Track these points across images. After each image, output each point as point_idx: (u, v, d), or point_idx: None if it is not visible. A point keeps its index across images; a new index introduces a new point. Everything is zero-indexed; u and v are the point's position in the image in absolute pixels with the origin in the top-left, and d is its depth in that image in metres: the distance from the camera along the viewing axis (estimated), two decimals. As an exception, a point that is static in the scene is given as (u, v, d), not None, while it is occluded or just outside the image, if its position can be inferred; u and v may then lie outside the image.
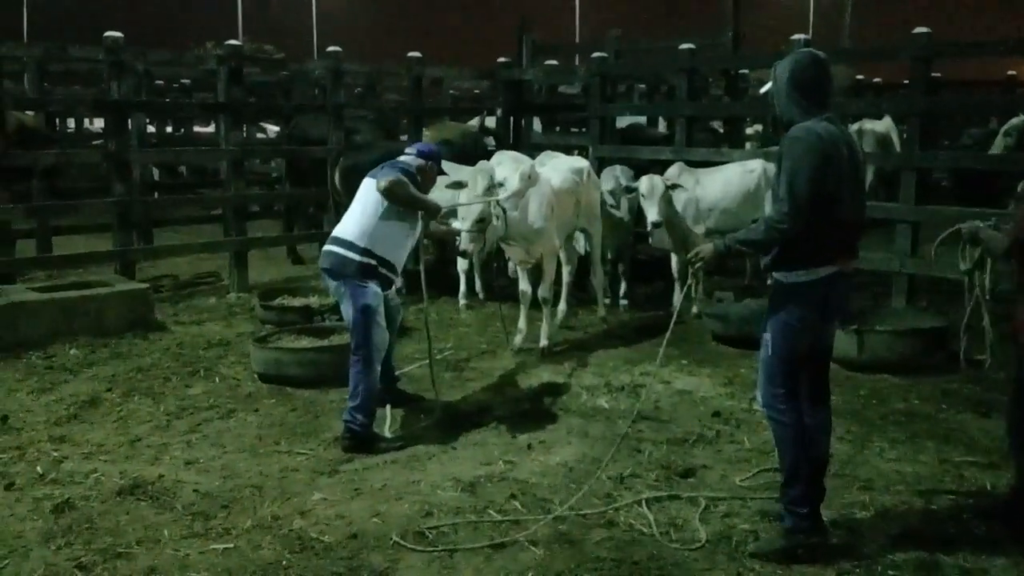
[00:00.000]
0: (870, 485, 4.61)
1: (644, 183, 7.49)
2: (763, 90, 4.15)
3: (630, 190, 7.88)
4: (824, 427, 4.02)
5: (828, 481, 4.36)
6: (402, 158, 5.58)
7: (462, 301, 8.50)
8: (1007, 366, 4.41)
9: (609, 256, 8.62)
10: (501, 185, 6.49)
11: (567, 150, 10.06)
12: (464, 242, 6.08)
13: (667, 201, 7.42)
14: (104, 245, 9.77)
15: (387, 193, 5.19)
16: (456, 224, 6.18)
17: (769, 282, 4.04)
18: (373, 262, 5.22)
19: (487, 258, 8.75)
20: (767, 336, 3.94)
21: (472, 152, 9.45)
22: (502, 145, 10.64)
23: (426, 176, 5.55)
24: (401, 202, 5.24)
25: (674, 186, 7.55)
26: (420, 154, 5.60)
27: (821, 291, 3.86)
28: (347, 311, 5.25)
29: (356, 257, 5.19)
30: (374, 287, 5.22)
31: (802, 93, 3.85)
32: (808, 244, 3.81)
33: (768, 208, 6.58)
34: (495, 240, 6.65)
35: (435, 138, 10.19)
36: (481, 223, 6.10)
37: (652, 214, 7.34)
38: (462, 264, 8.43)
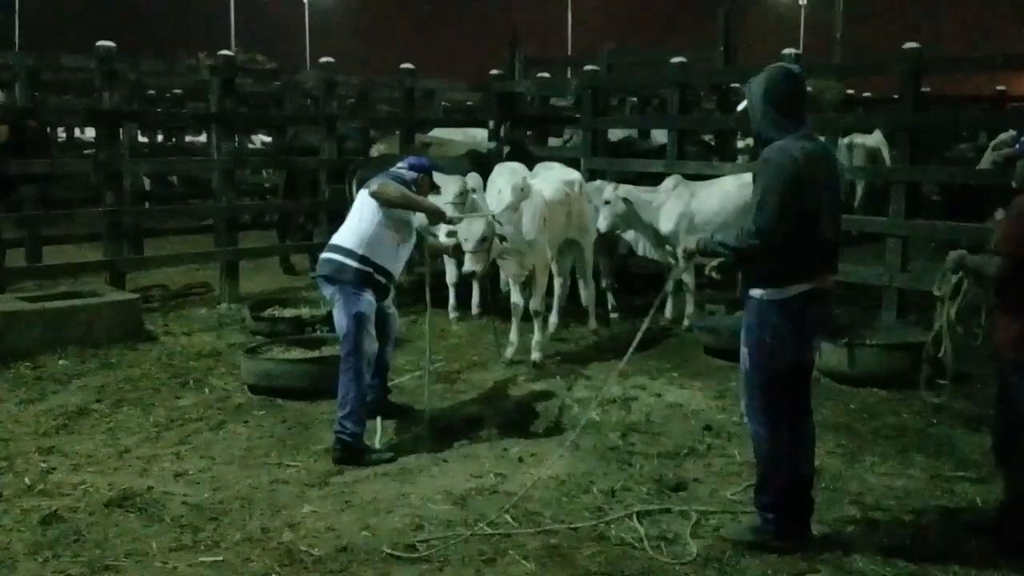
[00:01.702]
0: (860, 499, 4.62)
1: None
2: (740, 107, 4.18)
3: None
4: (808, 442, 4.08)
5: (819, 495, 4.40)
6: (394, 170, 5.60)
7: (452, 314, 8.48)
8: (995, 381, 4.42)
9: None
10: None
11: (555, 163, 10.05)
12: (469, 263, 6.08)
13: (617, 211, 7.94)
14: (94, 255, 9.73)
15: (378, 195, 5.22)
16: (444, 238, 6.17)
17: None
18: (370, 269, 5.25)
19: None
20: (744, 351, 4.02)
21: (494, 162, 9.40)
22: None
23: (420, 189, 5.58)
24: (394, 202, 5.25)
25: (621, 199, 7.97)
26: (412, 167, 5.61)
27: (794, 309, 3.90)
28: (339, 318, 5.25)
29: (354, 264, 5.21)
30: (368, 296, 5.24)
31: (777, 109, 3.88)
32: (781, 262, 3.85)
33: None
34: (496, 255, 6.61)
35: (390, 150, 10.21)
36: (484, 242, 6.10)
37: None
38: (451, 276, 8.42)
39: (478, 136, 11.33)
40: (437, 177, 6.24)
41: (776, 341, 3.92)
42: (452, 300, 8.52)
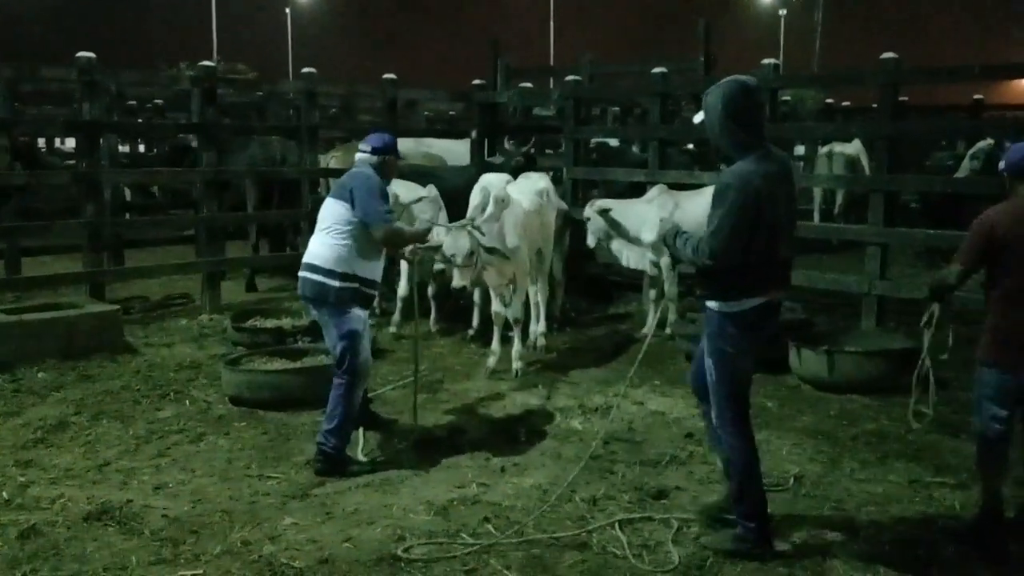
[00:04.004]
0: (841, 505, 4.64)
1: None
2: (697, 120, 4.15)
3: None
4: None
5: (798, 501, 4.43)
6: (360, 158, 5.36)
7: (392, 328, 8.32)
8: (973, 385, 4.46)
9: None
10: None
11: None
12: (457, 278, 6.07)
13: (597, 225, 8.05)
14: (75, 266, 9.66)
15: (389, 245, 5.32)
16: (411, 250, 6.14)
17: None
18: (355, 284, 5.14)
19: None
20: (708, 362, 4.08)
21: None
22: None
23: (388, 169, 5.40)
24: (403, 246, 5.48)
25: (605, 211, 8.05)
26: (375, 151, 5.35)
27: (750, 320, 3.97)
28: (331, 339, 5.17)
29: (336, 284, 5.09)
30: (357, 311, 5.16)
31: (737, 124, 3.88)
32: (737, 279, 3.92)
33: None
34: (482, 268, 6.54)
35: (346, 160, 10.19)
36: (472, 256, 6.09)
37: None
38: (402, 291, 8.22)
39: (434, 147, 11.36)
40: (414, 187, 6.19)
41: (736, 350, 4.00)
42: (397, 316, 8.37)
